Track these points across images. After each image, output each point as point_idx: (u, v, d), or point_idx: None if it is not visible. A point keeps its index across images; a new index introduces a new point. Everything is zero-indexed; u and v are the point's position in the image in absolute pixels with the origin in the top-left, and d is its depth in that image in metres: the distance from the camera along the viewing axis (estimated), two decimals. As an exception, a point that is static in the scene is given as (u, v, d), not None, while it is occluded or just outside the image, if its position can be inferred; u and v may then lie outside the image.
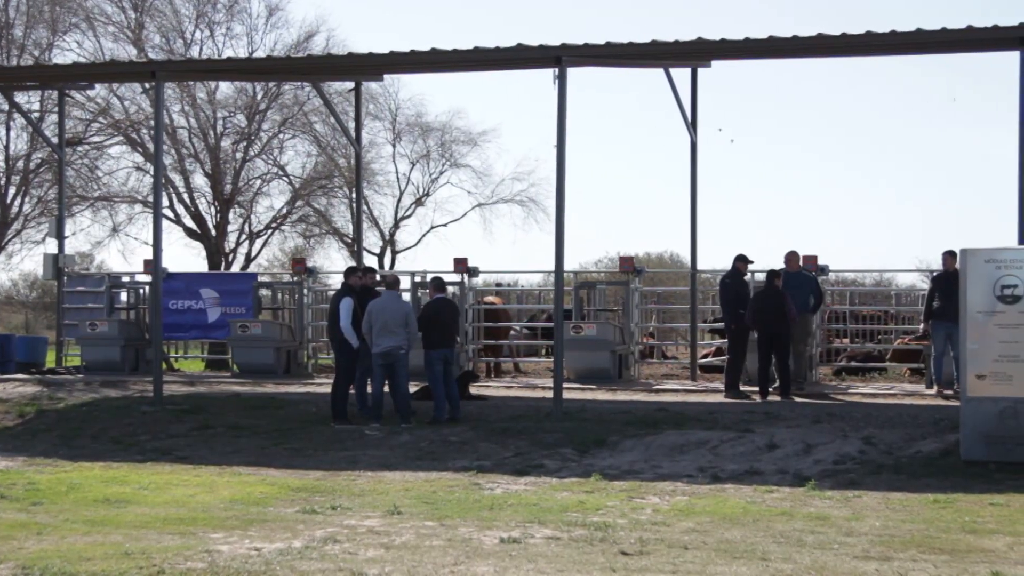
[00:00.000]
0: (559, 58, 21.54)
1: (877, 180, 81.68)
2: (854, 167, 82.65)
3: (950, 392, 21.18)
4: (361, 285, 21.00)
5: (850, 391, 23.25)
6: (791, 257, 23.21)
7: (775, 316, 21.83)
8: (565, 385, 21.84)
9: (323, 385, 23.62)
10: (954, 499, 13.92)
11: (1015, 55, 20.11)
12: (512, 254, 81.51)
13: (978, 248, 16.58)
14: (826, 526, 12.47)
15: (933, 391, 22.27)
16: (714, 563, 10.78)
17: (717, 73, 24.41)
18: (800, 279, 23.11)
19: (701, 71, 25.58)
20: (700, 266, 26.80)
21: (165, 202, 40.94)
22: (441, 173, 51.44)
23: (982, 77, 76.14)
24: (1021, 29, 19.96)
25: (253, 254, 45.42)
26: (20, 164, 40.89)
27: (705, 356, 28.41)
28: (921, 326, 23.78)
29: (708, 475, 15.68)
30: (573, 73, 21.83)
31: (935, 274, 23.10)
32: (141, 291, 29.44)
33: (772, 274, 22.33)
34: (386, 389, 20.38)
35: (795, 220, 76.33)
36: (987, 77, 77.21)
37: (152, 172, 33.67)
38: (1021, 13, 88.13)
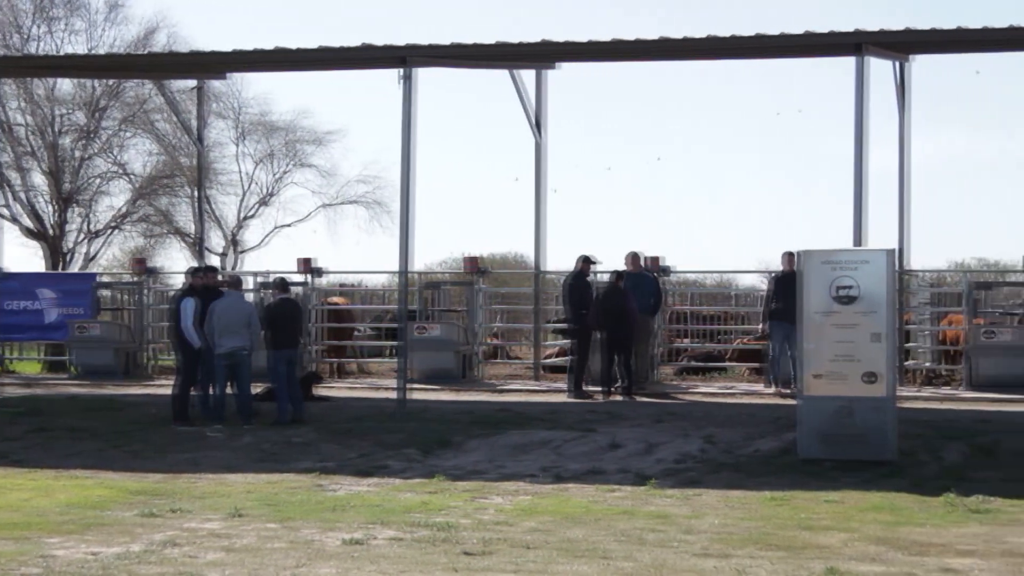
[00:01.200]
0: (404, 58, 21.55)
1: (720, 181, 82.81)
2: (698, 168, 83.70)
3: (788, 391, 21.57)
4: (203, 285, 20.76)
5: (691, 391, 23.59)
6: (632, 258, 23.45)
7: (618, 316, 22.04)
8: (409, 385, 21.85)
9: (164, 387, 23.29)
10: (791, 496, 14.16)
11: (851, 60, 20.58)
12: (357, 255, 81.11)
13: (815, 249, 16.89)
14: (667, 524, 12.60)
15: (772, 390, 22.68)
16: (556, 562, 10.84)
17: (565, 75, 24.61)
18: (641, 280, 23.37)
19: (549, 72, 25.72)
20: (545, 267, 26.95)
21: (0, 200, 40.03)
22: (286, 173, 51.00)
23: (824, 80, 77.59)
24: (857, 36, 20.43)
25: (93, 254, 44.58)
26: None
27: (549, 356, 28.58)
28: (760, 326, 24.19)
29: (551, 475, 15.75)
30: (421, 74, 21.86)
31: (774, 275, 23.53)
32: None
33: (615, 275, 22.56)
34: (230, 390, 20.18)
35: (640, 221, 77.03)
36: (829, 80, 78.65)
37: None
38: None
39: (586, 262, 23.05)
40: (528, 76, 25.45)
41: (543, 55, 23.69)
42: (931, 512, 13.30)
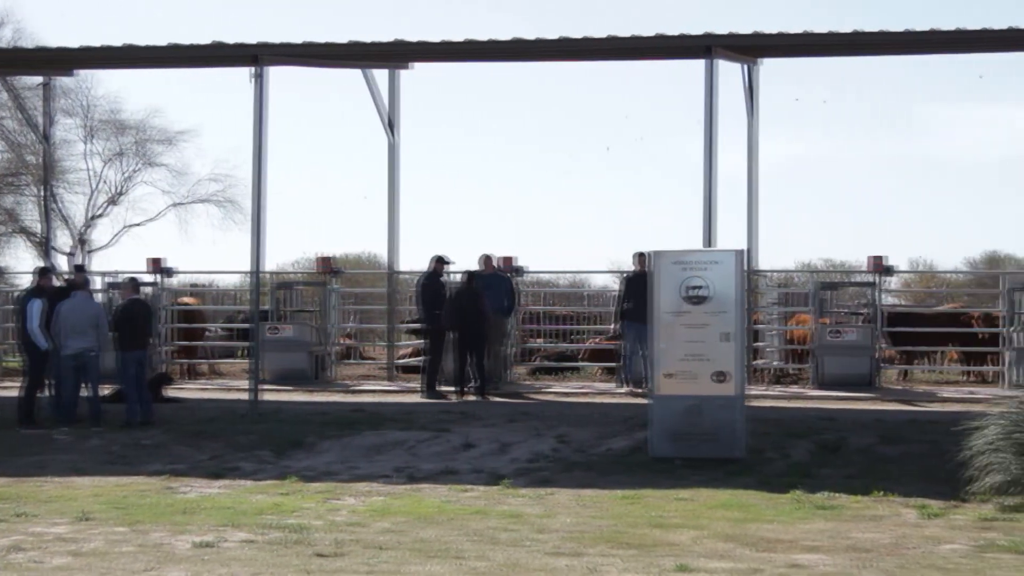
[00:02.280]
0: (256, 57, 21.37)
1: (573, 182, 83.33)
2: (552, 169, 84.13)
3: (640, 391, 21.77)
4: (53, 286, 20.41)
5: (545, 390, 23.71)
6: (485, 259, 23.52)
7: (471, 317, 22.10)
8: (262, 386, 21.67)
9: (9, 389, 22.79)
10: (642, 495, 14.30)
11: (702, 63, 20.84)
12: (209, 255, 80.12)
13: (666, 250, 17.09)
14: (520, 523, 12.66)
15: (624, 390, 22.89)
16: (409, 562, 10.83)
17: (420, 74, 24.61)
18: (495, 280, 23.45)
19: (403, 72, 25.64)
20: (399, 267, 26.89)
21: None
22: (136, 172, 50.29)
23: (675, 82, 78.51)
24: (707, 38, 20.68)
25: (-65, 254, 43.56)
26: None
27: (403, 356, 28.53)
28: (613, 326, 24.39)
29: (404, 475, 15.73)
30: (276, 73, 21.70)
31: (626, 275, 23.74)
32: None
33: (468, 275, 22.61)
34: (85, 392, 19.84)
35: (495, 221, 77.22)
36: (680, 82, 79.58)
37: None
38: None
39: (439, 262, 23.07)
40: (382, 76, 25.39)
41: (396, 55, 23.66)
42: (779, 509, 13.53)
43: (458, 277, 23.62)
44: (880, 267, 24.02)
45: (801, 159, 77.09)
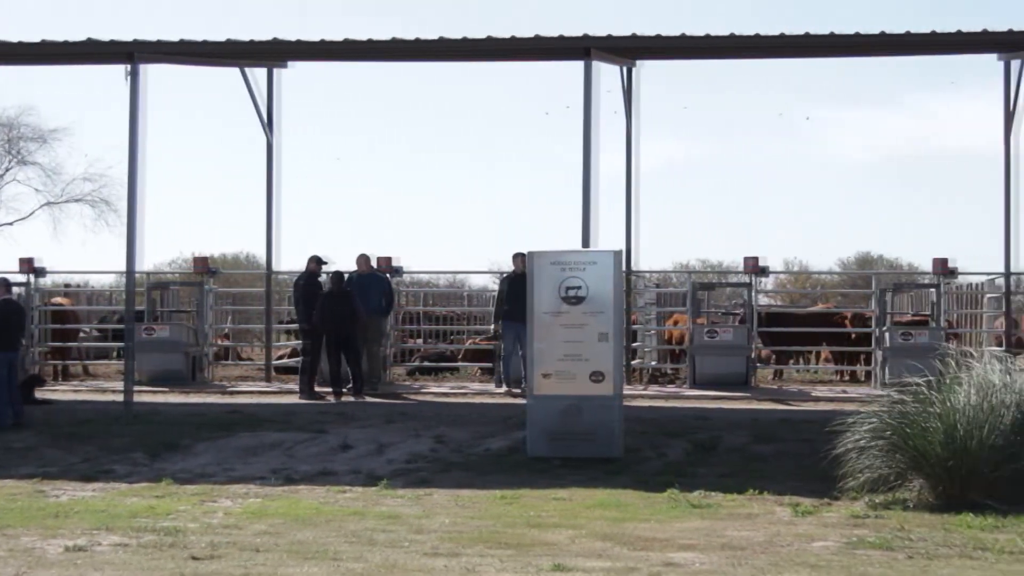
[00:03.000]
0: (131, 54, 21.10)
1: (453, 183, 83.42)
2: (431, 169, 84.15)
3: (518, 391, 21.83)
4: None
5: (423, 391, 23.69)
6: (361, 259, 23.44)
7: (344, 318, 22.04)
8: (137, 388, 21.41)
9: None
10: (520, 495, 14.34)
11: (580, 64, 20.93)
12: (82, 255, 78.97)
13: (544, 251, 17.15)
14: (397, 524, 12.63)
15: (502, 390, 22.93)
16: (286, 564, 10.76)
17: (299, 74, 24.45)
18: (371, 280, 23.40)
19: (283, 72, 25.42)
20: (277, 267, 26.69)
21: None
22: (8, 170, 49.46)
23: (560, 83, 78.88)
24: (586, 40, 20.78)
25: None
26: None
27: (280, 357, 28.33)
28: (492, 326, 24.43)
29: (282, 477, 15.62)
30: (154, 71, 21.48)
31: (505, 276, 23.79)
32: None
33: (337, 275, 22.58)
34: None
35: (374, 221, 77.01)
36: (564, 83, 79.96)
37: None
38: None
39: (316, 262, 22.96)
40: (262, 75, 25.19)
41: (273, 54, 23.51)
42: (655, 508, 13.64)
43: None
44: (755, 268, 24.29)
45: (680, 161, 77.98)
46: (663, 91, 74.51)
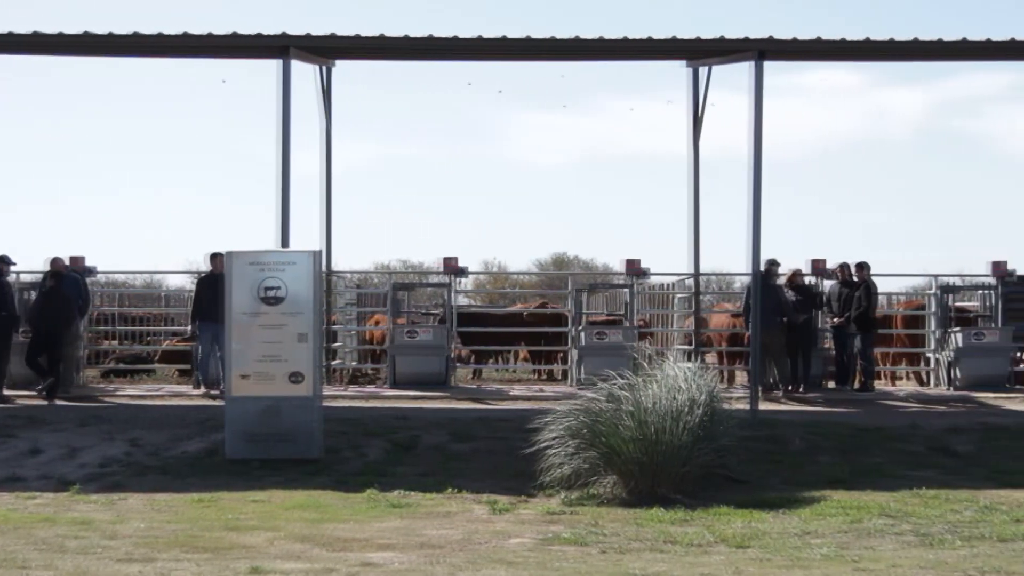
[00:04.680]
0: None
1: (149, 181, 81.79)
2: (127, 169, 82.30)
3: (216, 392, 21.52)
4: None
5: (118, 393, 23.14)
6: (55, 261, 22.78)
7: (55, 318, 21.58)
8: None
9: None
10: (218, 497, 14.16)
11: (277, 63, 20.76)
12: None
13: (243, 251, 16.98)
14: (89, 530, 12.33)
15: (200, 391, 22.58)
16: (-31, 575, 10.40)
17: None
18: (66, 281, 22.75)
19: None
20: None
21: None
22: None
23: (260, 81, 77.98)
24: (283, 39, 20.53)
25: None
26: None
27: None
28: (189, 327, 24.01)
29: (-33, 484, 15.06)
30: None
31: (201, 276, 23.45)
32: None
33: (55, 274, 21.99)
34: None
35: (68, 222, 74.96)
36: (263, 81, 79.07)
37: None
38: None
39: (4, 262, 22.22)
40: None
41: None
42: (354, 508, 13.67)
43: (25, 278, 22.89)
44: (454, 268, 24.52)
45: (381, 161, 78.18)
46: (364, 91, 74.59)
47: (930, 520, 13.04)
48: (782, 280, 23.30)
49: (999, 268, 24.22)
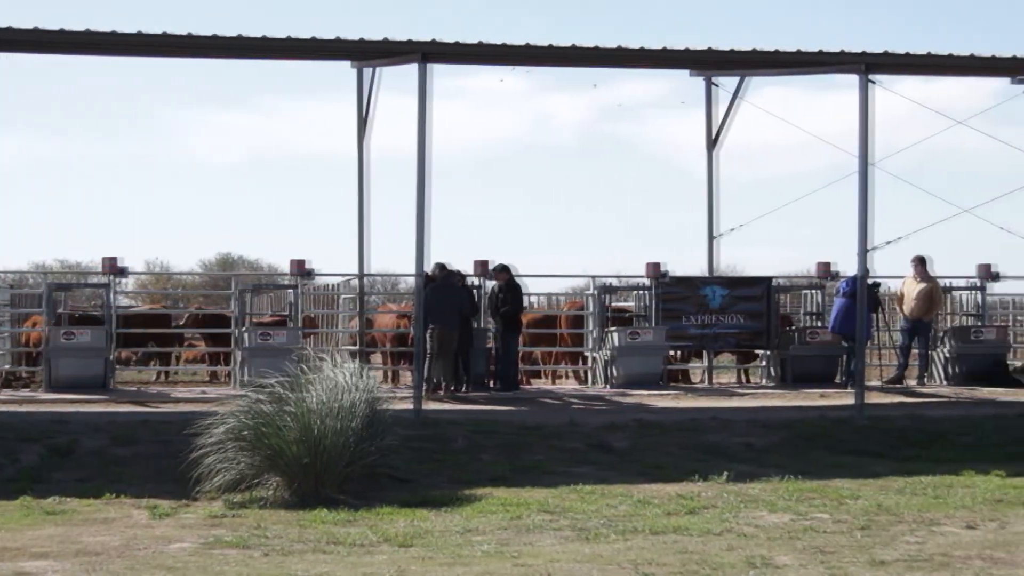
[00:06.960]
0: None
1: None
2: None
3: None
4: None
5: None
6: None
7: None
8: None
9: None
10: None
11: None
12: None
13: None
14: None
15: None
16: None
17: None
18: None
19: None
20: None
21: None
22: None
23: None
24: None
25: None
26: None
27: None
28: None
29: None
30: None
31: None
32: None
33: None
34: None
35: None
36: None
37: None
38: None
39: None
40: None
41: None
42: (7, 516, 13.27)
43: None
44: (114, 268, 23.95)
45: (38, 157, 75.70)
46: (20, 82, 72.04)
47: (587, 515, 13.47)
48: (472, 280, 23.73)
49: (654, 269, 25.07)
